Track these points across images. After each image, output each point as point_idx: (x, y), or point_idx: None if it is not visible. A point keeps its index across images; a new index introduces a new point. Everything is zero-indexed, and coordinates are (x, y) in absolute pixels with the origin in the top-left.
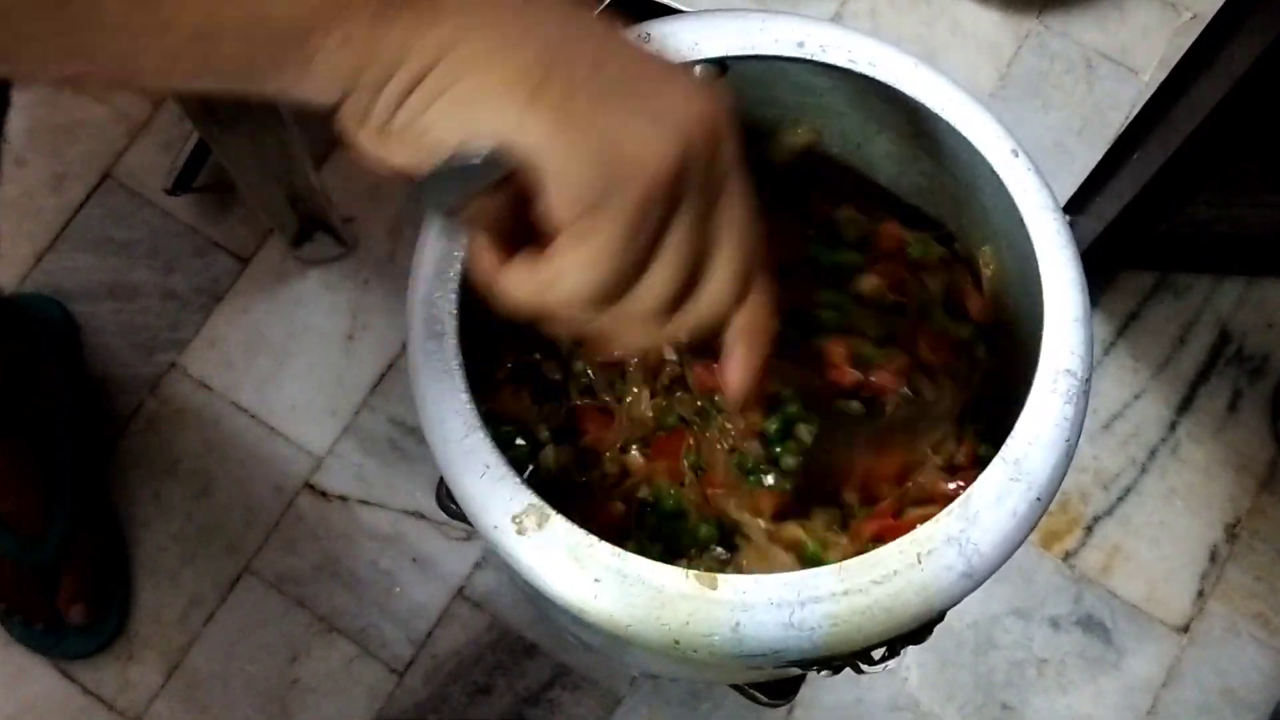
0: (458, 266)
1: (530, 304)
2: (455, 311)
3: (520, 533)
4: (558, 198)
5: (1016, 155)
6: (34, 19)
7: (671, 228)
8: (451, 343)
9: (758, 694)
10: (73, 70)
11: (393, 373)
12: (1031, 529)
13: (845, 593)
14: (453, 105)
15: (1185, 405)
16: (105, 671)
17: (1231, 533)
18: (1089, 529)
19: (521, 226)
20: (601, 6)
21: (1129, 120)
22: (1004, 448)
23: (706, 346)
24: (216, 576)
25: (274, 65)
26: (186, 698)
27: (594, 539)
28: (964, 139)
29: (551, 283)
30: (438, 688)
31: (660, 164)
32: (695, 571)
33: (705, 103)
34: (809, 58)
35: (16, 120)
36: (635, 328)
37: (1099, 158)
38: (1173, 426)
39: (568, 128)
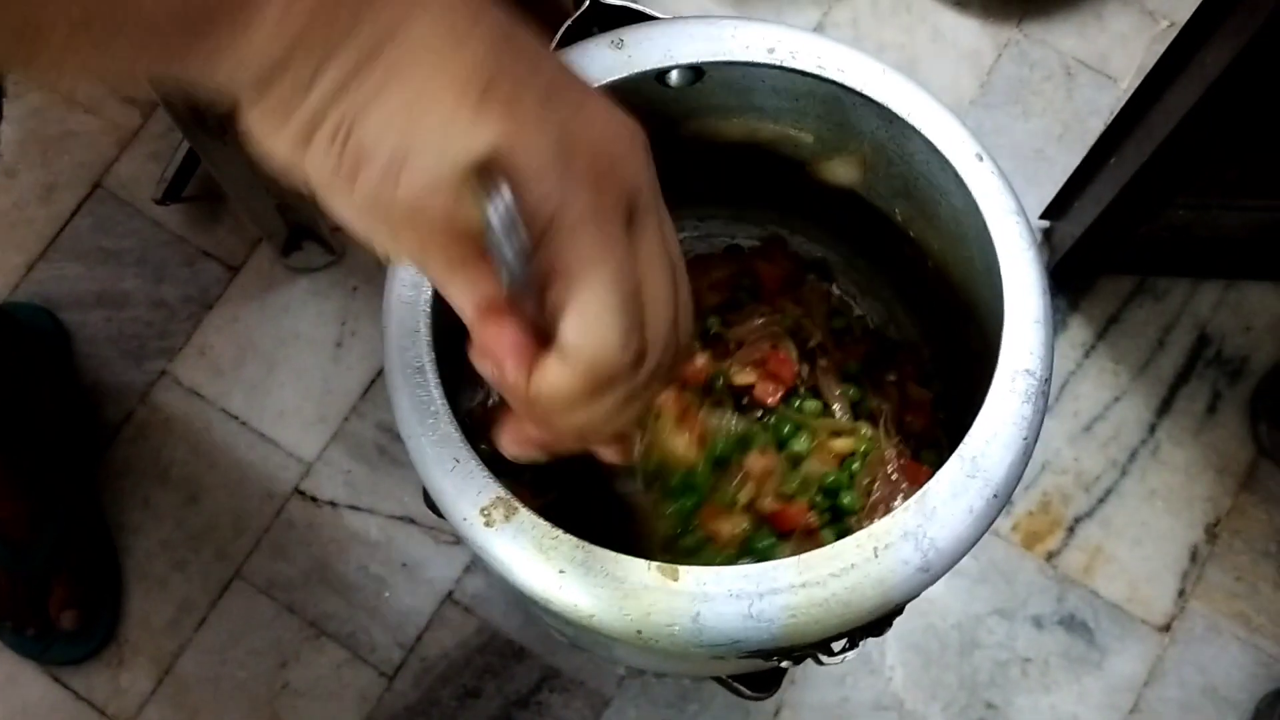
0: None
1: (576, 394)
2: (429, 310)
3: (489, 525)
4: (529, 198)
5: (981, 159)
6: None
7: (640, 234)
8: (424, 340)
9: (741, 687)
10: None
11: (381, 380)
12: (989, 525)
13: (803, 585)
14: (395, 110)
15: (1165, 407)
16: (96, 678)
17: (1212, 533)
18: (1071, 530)
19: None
20: (580, 12)
21: (1107, 126)
22: (961, 445)
23: None
24: (207, 582)
25: (202, 27)
26: (177, 703)
27: (559, 531)
28: (930, 144)
29: (579, 355)
30: (427, 691)
31: (604, 160)
32: (658, 564)
33: (630, 121)
34: (779, 64)
35: (7, 132)
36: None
37: (1078, 163)
38: (1153, 428)
39: (523, 124)
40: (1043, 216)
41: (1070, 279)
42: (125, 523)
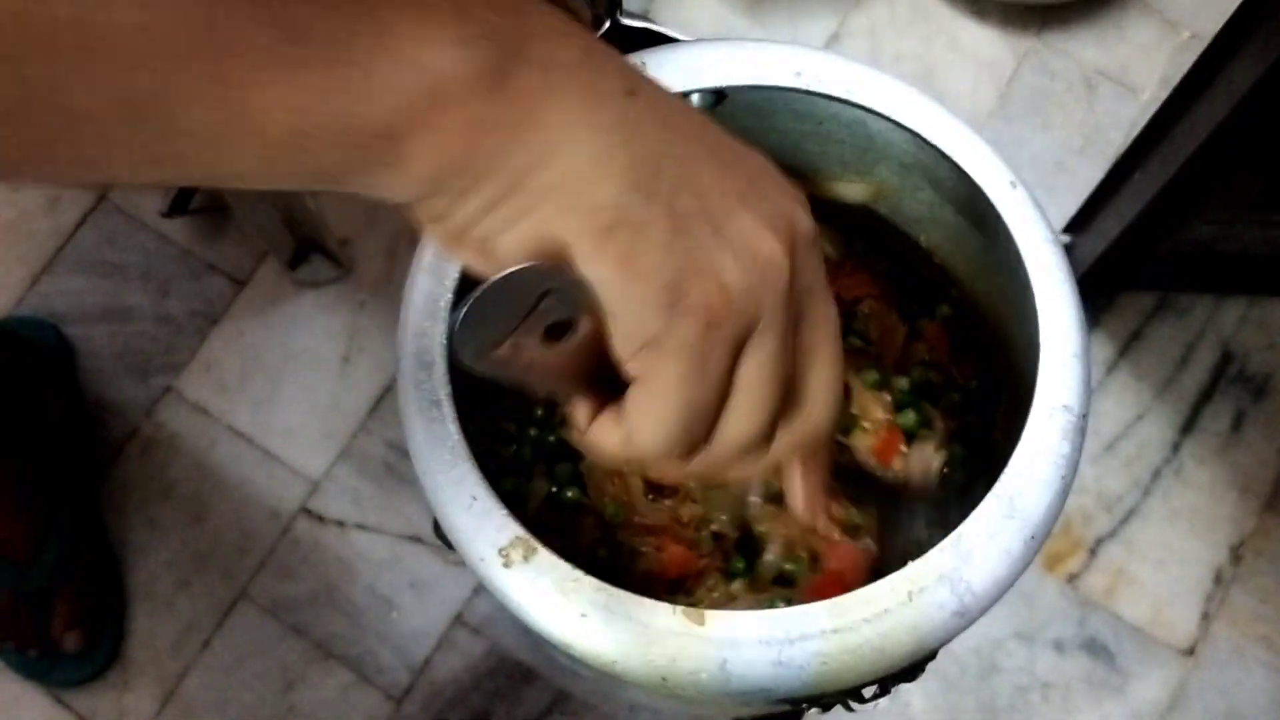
0: (449, 297)
1: (619, 458)
2: (445, 343)
3: (507, 565)
4: (616, 339)
5: (1015, 187)
6: (116, 130)
7: (746, 357)
8: (441, 373)
9: None
10: (163, 176)
11: (389, 396)
12: (1025, 567)
13: (835, 630)
14: (529, 231)
15: (1188, 426)
16: (100, 699)
17: (1236, 554)
18: (1092, 551)
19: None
20: (600, 34)
21: (1130, 139)
22: (998, 484)
23: None
24: (212, 603)
25: (363, 166)
26: None
27: (580, 573)
28: (962, 170)
29: (628, 439)
30: (436, 715)
31: (719, 297)
32: (683, 608)
33: (789, 214)
34: (806, 88)
35: None
36: (731, 464)
37: (1100, 177)
38: (1176, 447)
39: (630, 269)
40: (1064, 231)
41: (1092, 295)
42: (129, 541)
